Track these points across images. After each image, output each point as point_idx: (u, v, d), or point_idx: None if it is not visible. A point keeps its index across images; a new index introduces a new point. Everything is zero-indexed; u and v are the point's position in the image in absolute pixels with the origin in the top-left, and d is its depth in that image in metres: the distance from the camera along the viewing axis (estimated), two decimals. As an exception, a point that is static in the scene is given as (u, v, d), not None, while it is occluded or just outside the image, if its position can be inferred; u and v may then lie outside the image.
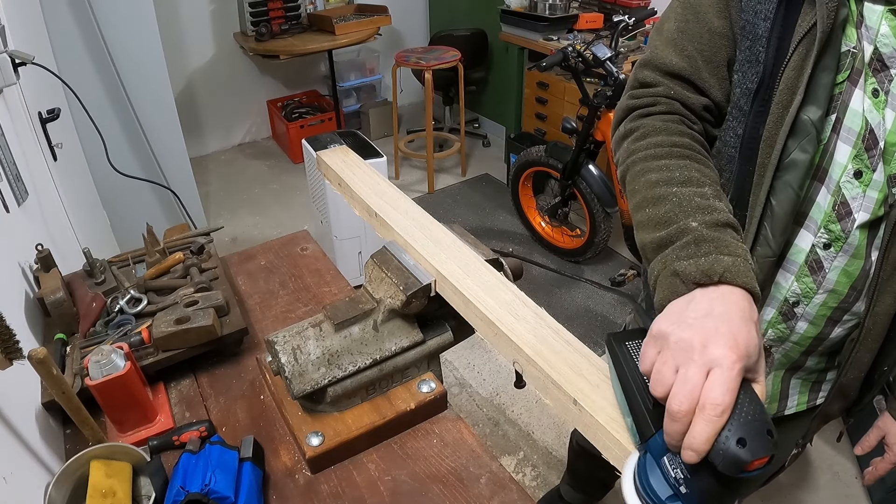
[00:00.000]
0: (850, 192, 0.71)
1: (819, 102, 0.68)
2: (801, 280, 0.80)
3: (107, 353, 0.83)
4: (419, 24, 4.53)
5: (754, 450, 0.47)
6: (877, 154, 0.68)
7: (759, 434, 0.48)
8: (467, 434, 0.90)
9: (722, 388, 0.49)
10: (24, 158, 1.33)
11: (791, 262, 0.80)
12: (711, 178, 0.74)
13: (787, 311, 0.84)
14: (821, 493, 1.88)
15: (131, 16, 2.27)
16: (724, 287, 0.59)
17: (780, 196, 0.73)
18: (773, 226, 0.75)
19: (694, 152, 0.76)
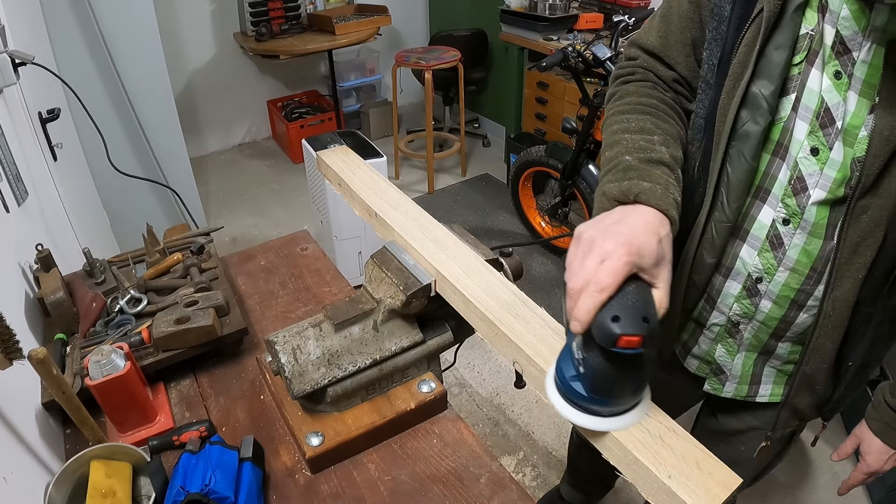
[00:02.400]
0: (806, 168, 0.75)
1: (771, 78, 0.73)
2: (762, 255, 0.84)
3: (107, 353, 0.83)
4: (419, 24, 4.53)
5: (624, 326, 0.55)
6: (833, 132, 0.72)
7: (634, 316, 0.56)
8: (467, 434, 0.90)
9: (606, 272, 0.58)
10: (24, 158, 1.33)
11: (754, 237, 0.84)
12: (665, 129, 0.82)
13: (751, 286, 0.87)
14: (821, 493, 1.88)
15: (131, 16, 2.27)
16: (639, 206, 0.68)
17: (735, 164, 0.79)
18: (728, 193, 0.81)
19: (656, 109, 0.85)
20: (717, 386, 1.03)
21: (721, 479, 0.59)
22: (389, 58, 3.86)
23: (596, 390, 0.61)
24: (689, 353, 1.03)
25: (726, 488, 0.58)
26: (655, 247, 0.62)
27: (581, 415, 0.63)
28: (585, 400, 0.62)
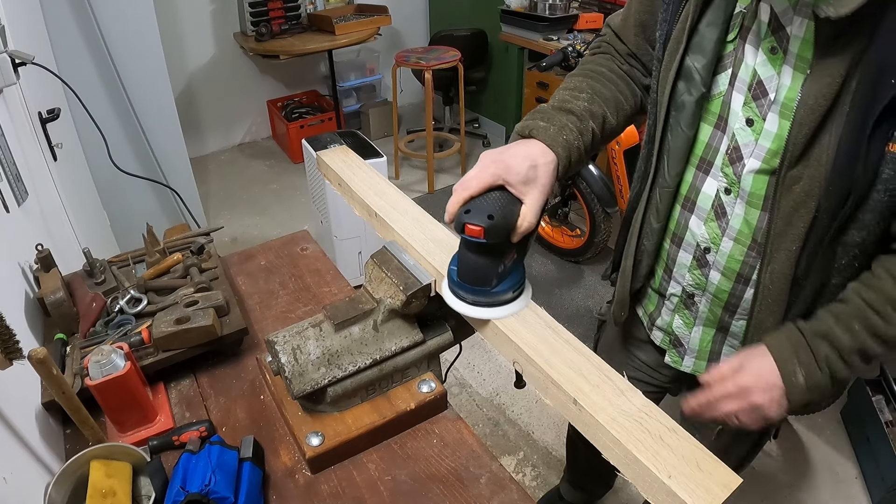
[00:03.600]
0: (742, 138, 0.80)
1: (704, 52, 0.79)
2: (708, 225, 0.88)
3: (107, 353, 0.83)
4: (419, 24, 4.53)
5: (471, 217, 0.69)
6: (766, 104, 0.76)
7: (481, 211, 0.69)
8: (467, 434, 0.90)
9: (472, 177, 0.73)
10: (24, 158, 1.33)
11: (701, 207, 0.88)
12: (597, 90, 0.90)
13: (700, 256, 0.92)
14: (821, 494, 1.88)
15: (131, 16, 2.27)
16: (531, 140, 0.79)
17: (674, 133, 0.86)
18: (669, 160, 0.88)
19: (599, 75, 0.94)
20: (677, 359, 1.06)
21: (721, 479, 0.59)
22: (389, 58, 3.86)
23: (461, 275, 0.76)
24: (654, 324, 1.07)
25: (726, 488, 0.58)
26: (526, 169, 0.73)
27: (459, 302, 0.77)
28: (456, 284, 0.77)
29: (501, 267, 0.74)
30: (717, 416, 0.79)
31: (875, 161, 0.68)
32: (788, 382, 0.75)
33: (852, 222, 0.74)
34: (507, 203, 0.72)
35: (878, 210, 0.72)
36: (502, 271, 0.74)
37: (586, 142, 0.84)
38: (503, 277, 0.75)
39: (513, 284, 0.76)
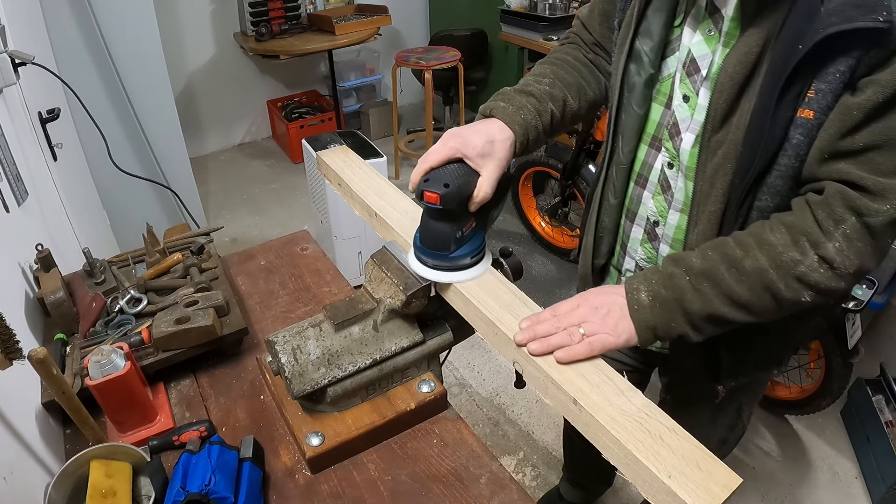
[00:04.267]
0: (680, 114, 0.85)
1: (651, 36, 0.85)
2: (656, 198, 0.93)
3: (107, 353, 0.83)
4: (419, 24, 4.53)
5: (428, 185, 0.75)
6: (698, 80, 0.82)
7: (438, 181, 0.75)
8: (467, 434, 0.90)
9: (432, 150, 0.79)
10: (24, 158, 1.33)
11: (651, 182, 0.93)
12: (560, 76, 0.96)
13: (650, 230, 0.96)
14: (821, 493, 1.88)
15: (131, 16, 2.27)
16: (491, 118, 0.86)
17: (627, 113, 0.91)
18: (623, 138, 0.93)
19: (564, 63, 0.99)
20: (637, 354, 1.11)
21: (721, 479, 0.59)
22: (389, 58, 3.86)
23: (422, 240, 0.81)
24: None
25: (726, 488, 0.58)
26: (483, 144, 0.79)
27: (422, 267, 0.83)
28: (419, 250, 0.82)
29: (459, 233, 0.79)
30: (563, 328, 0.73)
31: (783, 125, 0.72)
32: (631, 298, 0.75)
33: (765, 187, 0.77)
34: (463, 174, 0.78)
35: (788, 175, 0.75)
36: (460, 237, 0.80)
37: (545, 122, 0.90)
38: (461, 243, 0.80)
39: (471, 251, 0.82)
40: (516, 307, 0.79)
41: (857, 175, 0.69)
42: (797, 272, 0.71)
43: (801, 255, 0.71)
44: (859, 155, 0.69)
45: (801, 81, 0.70)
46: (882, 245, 0.71)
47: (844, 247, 0.70)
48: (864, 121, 0.68)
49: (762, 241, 0.73)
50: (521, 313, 0.78)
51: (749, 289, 0.72)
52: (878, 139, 0.68)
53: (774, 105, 0.71)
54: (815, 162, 0.73)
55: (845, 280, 0.71)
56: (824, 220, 0.71)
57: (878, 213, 0.68)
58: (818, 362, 1.94)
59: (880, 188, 0.68)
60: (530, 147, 0.88)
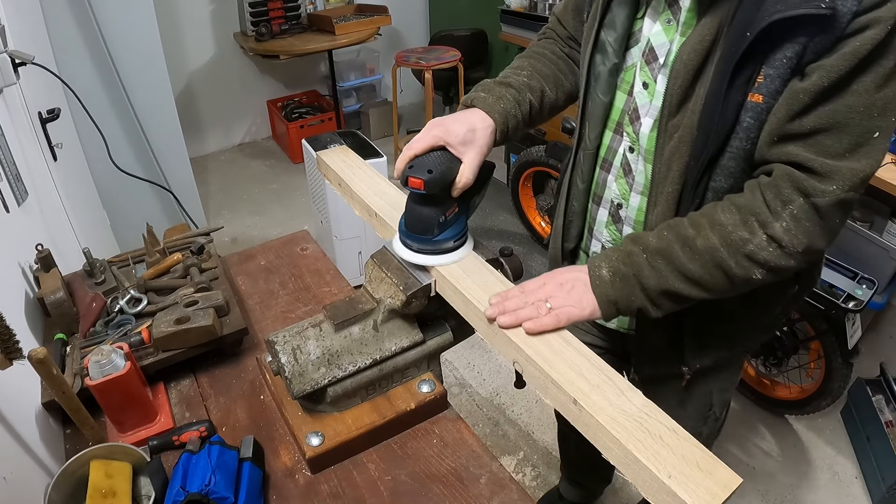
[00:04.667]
0: (640, 100, 0.88)
1: (615, 27, 0.88)
2: (619, 181, 0.96)
3: (107, 353, 0.83)
4: (419, 24, 4.53)
5: (413, 171, 0.78)
6: (656, 68, 0.85)
7: (422, 167, 0.78)
8: (467, 434, 0.90)
9: (416, 139, 0.83)
10: (24, 158, 1.33)
11: (615, 166, 0.96)
12: (537, 67, 1.01)
13: (614, 212, 0.99)
14: (821, 493, 1.88)
15: (131, 16, 2.27)
16: (472, 108, 0.90)
17: (593, 100, 0.94)
18: (589, 124, 0.96)
19: (541, 56, 1.04)
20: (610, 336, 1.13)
21: (721, 478, 0.59)
22: (389, 58, 3.86)
23: (406, 224, 0.84)
24: None
25: (726, 488, 0.58)
26: (464, 132, 0.83)
27: (406, 251, 0.85)
28: (404, 234, 0.85)
29: (442, 218, 0.82)
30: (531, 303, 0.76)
31: (734, 109, 0.75)
32: (593, 275, 0.79)
33: (719, 169, 0.80)
34: (446, 161, 0.81)
35: (741, 157, 0.78)
36: (443, 222, 0.83)
37: (524, 111, 0.94)
38: (444, 228, 0.83)
39: (454, 235, 0.85)
40: (516, 307, 0.79)
41: (804, 157, 0.71)
42: (746, 250, 0.74)
43: (749, 234, 0.74)
44: (808, 138, 0.72)
45: (750, 67, 0.73)
46: (830, 225, 0.73)
47: (792, 226, 0.72)
48: (810, 104, 0.70)
49: (714, 221, 0.76)
50: (521, 313, 0.78)
51: (701, 266, 0.75)
52: (825, 122, 0.70)
53: (726, 90, 0.74)
54: (766, 145, 0.75)
55: (794, 258, 0.74)
56: (772, 201, 0.73)
57: (825, 193, 0.71)
58: (818, 362, 1.94)
59: (827, 169, 0.70)
60: (510, 135, 0.93)
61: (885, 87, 0.69)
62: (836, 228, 0.75)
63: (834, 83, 0.68)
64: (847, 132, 0.70)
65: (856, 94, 0.69)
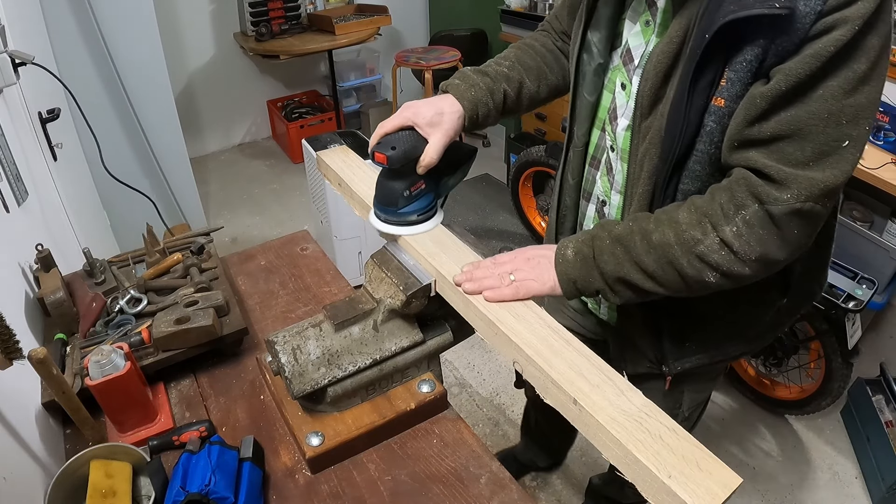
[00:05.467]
0: (619, 100, 0.89)
1: (600, 28, 0.88)
2: (603, 179, 0.97)
3: (107, 353, 0.83)
4: (419, 24, 4.53)
5: (378, 148, 0.84)
6: (632, 69, 0.86)
7: (388, 144, 0.84)
8: (467, 434, 0.90)
9: (388, 120, 0.88)
10: (24, 158, 1.33)
11: (601, 164, 0.97)
12: (522, 59, 1.03)
13: (600, 209, 1.00)
14: (821, 493, 1.88)
15: (131, 16, 2.27)
16: (445, 94, 0.94)
17: (580, 99, 0.95)
18: (578, 122, 0.97)
19: (529, 48, 1.07)
20: (595, 306, 1.14)
21: (721, 478, 0.59)
22: (389, 58, 3.86)
23: (376, 197, 0.90)
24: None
25: (727, 488, 0.58)
26: (432, 115, 0.87)
27: (377, 220, 0.92)
28: (375, 206, 0.91)
29: (407, 192, 0.87)
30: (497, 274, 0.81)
31: (698, 112, 0.74)
32: (559, 253, 0.83)
33: (686, 171, 0.80)
34: (412, 140, 0.86)
35: (707, 161, 0.78)
36: (408, 196, 0.88)
37: (497, 100, 0.97)
38: (410, 201, 0.88)
39: (419, 209, 0.90)
40: (516, 307, 0.79)
41: (763, 163, 0.70)
42: (697, 251, 0.74)
43: (702, 234, 0.74)
44: (769, 144, 0.70)
45: (712, 70, 0.72)
46: (787, 235, 0.71)
47: (744, 232, 0.72)
48: (769, 110, 0.69)
49: (672, 219, 0.76)
50: (520, 313, 0.78)
51: (655, 260, 0.76)
52: (785, 129, 0.68)
53: (689, 93, 0.73)
54: (727, 150, 0.75)
55: (749, 266, 0.73)
56: (726, 204, 0.73)
57: (779, 201, 0.69)
58: (818, 362, 1.94)
59: (783, 177, 0.69)
60: (480, 122, 0.96)
61: (856, 92, 0.66)
62: (795, 240, 0.72)
63: (794, 87, 0.66)
64: (810, 140, 0.68)
65: (821, 99, 0.66)
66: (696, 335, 0.97)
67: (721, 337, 0.98)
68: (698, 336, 0.97)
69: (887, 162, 1.93)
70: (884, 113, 2.02)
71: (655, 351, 1.00)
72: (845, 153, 0.68)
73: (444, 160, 0.89)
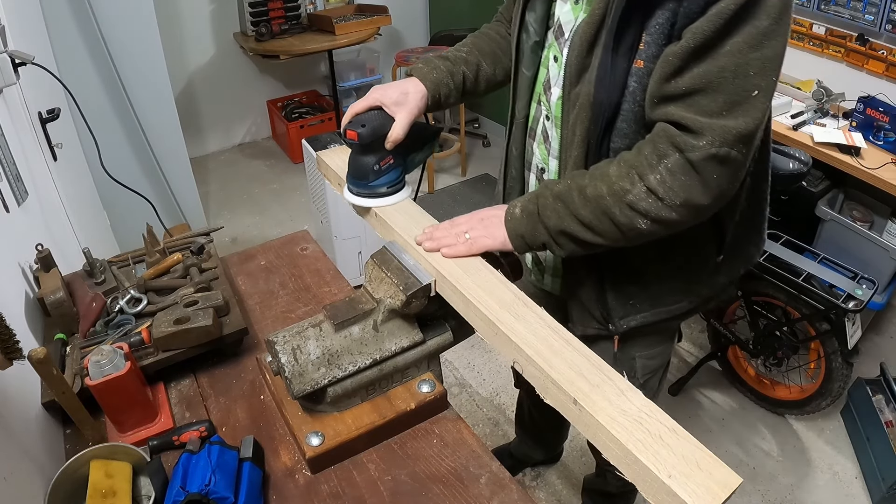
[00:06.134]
0: (552, 72, 0.97)
1: (535, 9, 0.96)
2: (540, 147, 1.04)
3: (107, 353, 0.83)
4: (419, 24, 4.52)
5: (349, 125, 0.93)
6: (563, 42, 0.92)
7: (358, 122, 0.93)
8: (467, 434, 0.90)
9: (358, 101, 0.97)
10: (24, 158, 1.33)
11: (539, 133, 1.04)
12: (478, 45, 1.13)
13: (539, 177, 1.07)
14: (821, 493, 1.88)
15: (131, 16, 2.27)
16: (410, 77, 1.04)
17: (519, 75, 1.03)
18: (517, 97, 1.05)
19: (485, 35, 1.17)
20: (539, 277, 1.20)
21: (721, 478, 0.59)
22: (389, 58, 3.85)
23: (348, 171, 0.99)
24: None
25: (727, 488, 0.58)
26: (398, 95, 0.97)
27: (349, 193, 1.00)
28: (348, 181, 1.00)
29: (377, 166, 0.96)
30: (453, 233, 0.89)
31: (622, 75, 0.82)
32: (508, 212, 0.90)
33: (615, 131, 0.87)
34: (380, 118, 0.95)
35: (633, 120, 0.85)
36: (378, 170, 0.96)
37: (457, 81, 1.06)
38: (379, 175, 0.96)
39: (387, 182, 0.98)
40: (516, 307, 0.79)
41: (680, 116, 0.77)
42: (627, 199, 0.80)
43: (630, 185, 0.80)
44: (686, 98, 0.76)
45: (632, 35, 0.79)
46: (707, 180, 0.77)
47: (667, 179, 0.78)
48: (682, 67, 0.75)
49: (604, 173, 0.83)
50: (521, 313, 0.78)
51: (591, 212, 0.83)
52: (698, 83, 0.75)
53: (613, 58, 0.81)
54: (649, 107, 0.82)
55: (676, 211, 0.79)
56: (650, 156, 0.79)
57: (696, 148, 0.75)
58: (818, 362, 1.94)
59: (699, 126, 0.75)
60: (443, 101, 1.05)
61: (761, 47, 0.72)
62: (716, 185, 0.78)
63: (702, 45, 0.73)
64: (721, 91, 0.74)
65: (728, 55, 0.73)
66: (637, 291, 1.03)
67: (661, 291, 1.03)
68: (640, 292, 1.03)
69: (887, 162, 1.93)
70: (884, 113, 2.02)
71: (601, 309, 1.05)
72: (755, 102, 0.74)
73: (411, 137, 0.98)
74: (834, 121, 2.19)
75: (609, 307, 1.04)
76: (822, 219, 2.16)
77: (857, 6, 2.18)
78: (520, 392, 1.79)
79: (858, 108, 2.09)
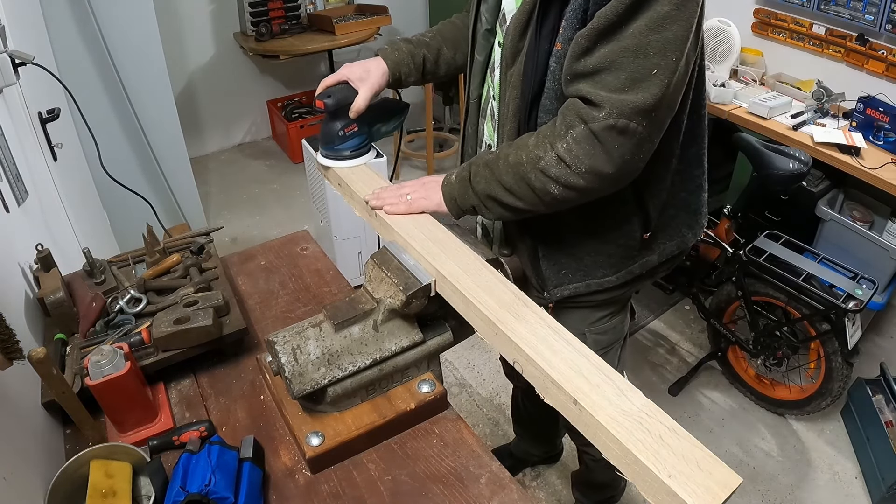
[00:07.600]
0: (496, 55, 1.05)
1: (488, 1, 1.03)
2: (488, 125, 1.13)
3: (107, 353, 0.83)
4: (419, 25, 4.52)
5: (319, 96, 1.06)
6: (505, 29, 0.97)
7: (326, 94, 1.07)
8: (467, 434, 0.90)
9: (329, 76, 1.10)
10: (24, 158, 1.33)
11: (489, 113, 1.11)
12: (442, 32, 1.22)
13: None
14: (821, 493, 1.88)
15: (131, 16, 2.27)
16: (376, 56, 1.15)
17: (473, 59, 1.11)
18: (472, 79, 1.12)
19: (450, 23, 1.24)
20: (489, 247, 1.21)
21: (721, 478, 0.59)
22: (389, 58, 3.84)
23: (320, 137, 1.12)
24: (480, 223, 1.26)
25: (727, 488, 0.58)
26: (360, 71, 1.10)
27: (319, 156, 1.14)
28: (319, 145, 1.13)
29: (342, 132, 1.09)
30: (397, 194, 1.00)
31: (545, 57, 0.91)
32: (446, 178, 1.00)
33: (541, 107, 0.96)
34: (345, 91, 1.07)
35: (554, 97, 0.93)
36: (342, 136, 1.09)
37: (417, 62, 1.16)
38: (344, 140, 1.10)
39: (351, 147, 1.11)
40: (516, 307, 0.79)
41: (587, 91, 0.84)
42: (540, 166, 0.88)
43: (543, 153, 0.88)
44: (594, 75, 0.83)
45: (552, 20, 0.88)
46: (609, 149, 0.84)
47: (573, 147, 0.85)
48: (589, 47, 0.82)
49: (524, 143, 0.91)
50: (521, 313, 0.78)
51: (512, 177, 0.91)
52: (603, 62, 0.82)
53: (537, 41, 0.90)
54: (564, 84, 0.89)
55: (583, 178, 0.86)
56: (559, 126, 0.87)
57: (596, 119, 0.83)
58: (818, 362, 1.94)
59: (600, 100, 0.82)
60: (403, 80, 1.16)
61: (662, 30, 0.79)
62: (619, 154, 0.85)
63: (607, 27, 0.80)
64: (623, 70, 0.81)
65: (630, 37, 0.80)
66: (569, 262, 1.10)
67: (592, 264, 1.10)
68: (571, 262, 1.10)
69: (887, 162, 1.93)
70: (884, 113, 2.02)
71: (536, 277, 1.12)
72: (655, 79, 0.81)
73: (377, 110, 1.12)
74: (834, 121, 2.19)
75: (544, 275, 1.12)
76: (822, 219, 2.16)
77: (857, 6, 2.18)
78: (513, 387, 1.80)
79: (858, 108, 2.09)
